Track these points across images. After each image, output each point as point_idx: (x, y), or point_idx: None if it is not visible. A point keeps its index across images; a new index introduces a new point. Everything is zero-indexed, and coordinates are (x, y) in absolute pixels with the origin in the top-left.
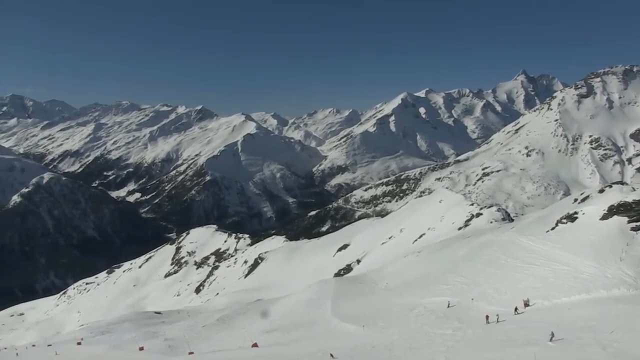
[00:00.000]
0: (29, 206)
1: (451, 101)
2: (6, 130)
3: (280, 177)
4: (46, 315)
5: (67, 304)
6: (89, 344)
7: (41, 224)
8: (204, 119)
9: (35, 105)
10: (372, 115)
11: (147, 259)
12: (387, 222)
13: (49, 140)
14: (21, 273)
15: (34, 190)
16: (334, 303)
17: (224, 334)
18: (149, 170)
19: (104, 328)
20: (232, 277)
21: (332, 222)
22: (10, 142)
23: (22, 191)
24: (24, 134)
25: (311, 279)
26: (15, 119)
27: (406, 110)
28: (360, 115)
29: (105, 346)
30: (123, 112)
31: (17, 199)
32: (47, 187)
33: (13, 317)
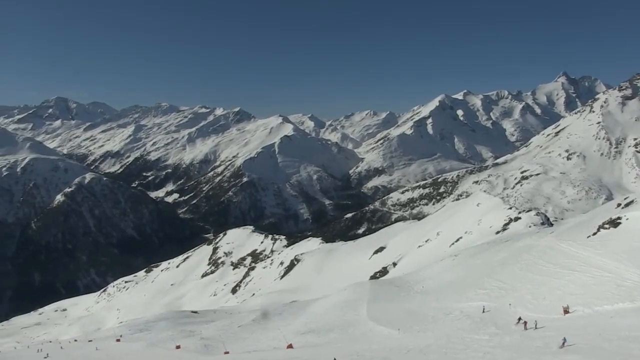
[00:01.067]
0: (71, 205)
1: (489, 103)
2: (51, 132)
3: (317, 179)
4: (87, 311)
5: (107, 301)
6: (127, 340)
7: (83, 222)
8: (241, 120)
9: (79, 107)
10: (410, 117)
11: (184, 258)
12: (424, 225)
13: (91, 141)
14: (64, 270)
15: (76, 190)
16: (369, 306)
17: (259, 334)
18: (187, 171)
19: (142, 326)
20: (268, 278)
21: (369, 224)
22: (54, 143)
23: (66, 191)
24: (67, 135)
25: (347, 281)
26: (59, 121)
27: (444, 112)
28: (397, 117)
29: (143, 343)
30: (162, 114)
31: (61, 198)
32: (89, 187)
33: (57, 312)
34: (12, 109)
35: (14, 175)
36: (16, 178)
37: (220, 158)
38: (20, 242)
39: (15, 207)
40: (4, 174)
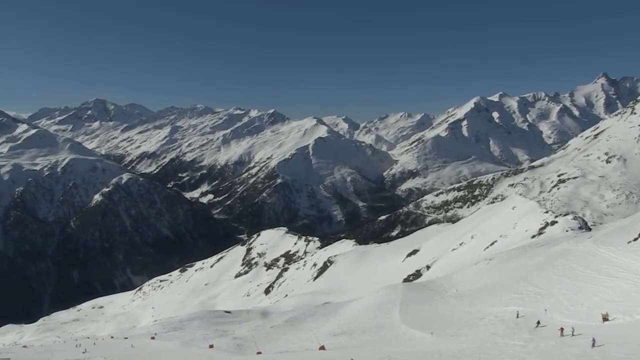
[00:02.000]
0: (109, 205)
1: (526, 105)
2: (90, 133)
3: (351, 180)
4: (123, 309)
5: (142, 299)
6: (161, 339)
7: (120, 222)
8: (275, 122)
9: (116, 109)
10: (444, 119)
11: (218, 259)
12: (458, 228)
13: (128, 142)
14: (101, 268)
15: (113, 189)
16: (402, 308)
17: (291, 335)
18: (222, 172)
19: (176, 324)
20: (301, 279)
21: (402, 227)
22: (93, 144)
23: (103, 190)
24: (105, 136)
25: (380, 283)
26: (98, 122)
27: (479, 114)
28: (432, 119)
29: (176, 342)
30: (198, 116)
31: (99, 198)
32: (126, 187)
33: (94, 309)
34: (53, 110)
35: (55, 175)
36: (57, 178)
37: (255, 159)
38: (60, 240)
39: (55, 206)
40: (45, 174)
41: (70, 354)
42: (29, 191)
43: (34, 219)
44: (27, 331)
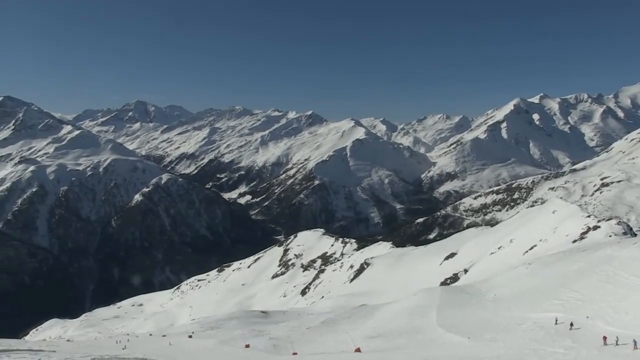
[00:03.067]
0: (148, 205)
1: (567, 107)
2: (131, 134)
3: (389, 182)
4: (162, 307)
5: (181, 298)
6: (199, 337)
7: (159, 221)
8: (313, 124)
9: (157, 111)
10: (483, 121)
11: (255, 259)
12: (497, 231)
13: (167, 143)
14: (141, 267)
15: (153, 190)
16: (439, 312)
17: (327, 337)
18: (260, 173)
19: (213, 324)
20: (338, 281)
21: (440, 229)
22: (134, 145)
23: (143, 191)
24: (146, 137)
25: (416, 286)
26: (138, 123)
27: (519, 116)
28: (470, 121)
29: (213, 341)
30: (236, 117)
31: (139, 197)
32: (165, 188)
33: (134, 306)
34: (96, 112)
35: (97, 175)
36: (99, 178)
37: (292, 161)
38: (102, 239)
39: (97, 205)
40: (88, 174)
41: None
42: (72, 190)
43: (77, 217)
44: (70, 326)
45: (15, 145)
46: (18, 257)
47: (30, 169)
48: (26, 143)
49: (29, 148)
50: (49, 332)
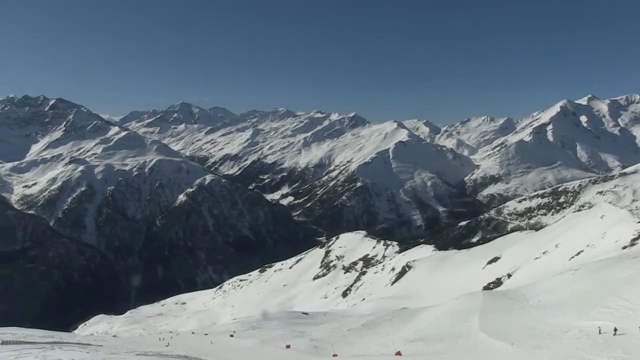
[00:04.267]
0: (192, 205)
1: (617, 108)
2: (176, 135)
3: (431, 185)
4: (204, 306)
5: (223, 297)
6: (240, 337)
7: (202, 221)
8: (356, 126)
9: (201, 112)
10: (528, 123)
11: (297, 260)
12: (542, 236)
13: (211, 144)
14: (184, 266)
15: (197, 190)
16: (481, 317)
17: (368, 339)
18: (302, 175)
19: (254, 323)
20: (379, 283)
21: (483, 233)
22: (178, 146)
23: (187, 191)
24: (190, 139)
25: (459, 290)
26: (183, 125)
27: (565, 118)
28: (515, 123)
29: (254, 341)
30: (279, 119)
31: (183, 198)
32: (209, 188)
33: (177, 305)
34: (142, 114)
35: (143, 175)
36: (144, 178)
37: (335, 162)
38: (147, 237)
39: (142, 205)
40: (134, 174)
41: (154, 346)
42: (119, 190)
43: (123, 216)
44: (116, 322)
45: (66, 145)
46: (68, 254)
47: (80, 169)
48: (76, 144)
49: (78, 148)
50: (96, 327)
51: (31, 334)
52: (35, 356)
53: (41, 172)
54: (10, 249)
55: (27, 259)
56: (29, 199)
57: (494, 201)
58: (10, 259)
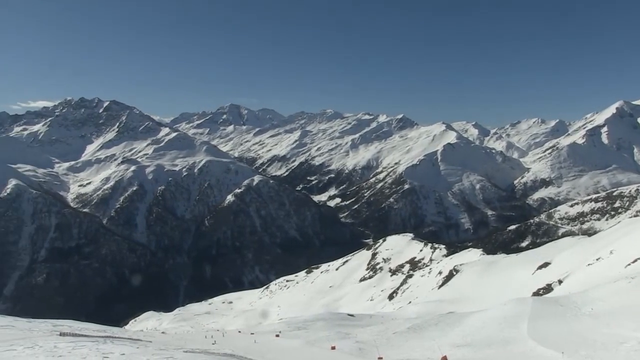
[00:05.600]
0: (240, 205)
1: None
2: (225, 136)
3: (480, 188)
4: (250, 305)
5: (269, 297)
6: (285, 337)
7: (250, 222)
8: (404, 127)
9: (250, 114)
10: (582, 125)
11: (343, 262)
12: (595, 241)
13: (259, 145)
14: (231, 266)
15: (245, 191)
16: (530, 324)
17: (413, 342)
18: (350, 176)
19: (300, 324)
20: (426, 286)
21: (533, 237)
22: (227, 147)
23: (235, 191)
24: (239, 140)
25: (507, 295)
26: (232, 126)
27: (622, 120)
28: (567, 125)
29: (300, 341)
30: (327, 120)
31: (231, 198)
32: (257, 189)
33: (224, 303)
34: (192, 115)
35: (192, 176)
36: (194, 178)
37: (382, 164)
38: (195, 237)
39: (192, 205)
40: (184, 174)
41: (201, 344)
42: (169, 190)
43: (173, 216)
44: (165, 319)
45: (119, 146)
46: (120, 251)
47: (132, 169)
48: (128, 144)
49: (130, 149)
50: (146, 324)
51: (86, 327)
52: (89, 349)
53: (95, 172)
54: (66, 245)
55: (82, 256)
56: (84, 198)
57: (544, 205)
58: (66, 255)
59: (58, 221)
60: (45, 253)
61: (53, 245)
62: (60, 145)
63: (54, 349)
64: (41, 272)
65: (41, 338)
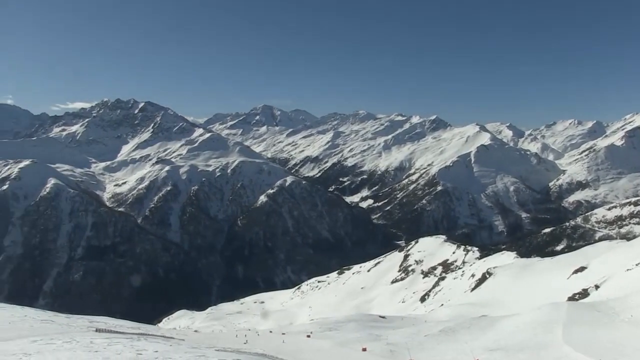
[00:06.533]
0: (272, 206)
1: None
2: (258, 137)
3: (514, 190)
4: (282, 306)
5: (300, 298)
6: (316, 338)
7: (282, 222)
8: (437, 129)
9: (282, 115)
10: (620, 127)
11: (375, 263)
12: (634, 246)
13: (292, 146)
14: (264, 266)
15: (277, 191)
16: (566, 329)
17: (445, 346)
18: (382, 178)
19: (331, 325)
20: (458, 289)
21: (568, 241)
22: (260, 148)
23: (268, 192)
24: (271, 140)
25: (541, 300)
26: (265, 127)
27: None
28: (605, 127)
29: (331, 342)
30: (360, 121)
31: (264, 198)
32: (289, 190)
33: (256, 303)
34: (225, 116)
35: (225, 176)
36: (227, 179)
37: (415, 166)
38: (228, 237)
39: (225, 205)
40: (217, 175)
41: (233, 343)
42: (202, 190)
43: (206, 216)
44: (197, 318)
45: (154, 146)
46: (154, 250)
47: (166, 169)
48: (162, 145)
49: (164, 149)
50: (179, 322)
51: (120, 324)
52: (124, 345)
53: (130, 172)
54: (102, 244)
55: (117, 254)
56: (119, 197)
57: (580, 208)
58: (102, 253)
59: (94, 220)
60: (82, 251)
61: (89, 244)
62: (96, 146)
63: (90, 344)
64: (78, 270)
65: (78, 333)
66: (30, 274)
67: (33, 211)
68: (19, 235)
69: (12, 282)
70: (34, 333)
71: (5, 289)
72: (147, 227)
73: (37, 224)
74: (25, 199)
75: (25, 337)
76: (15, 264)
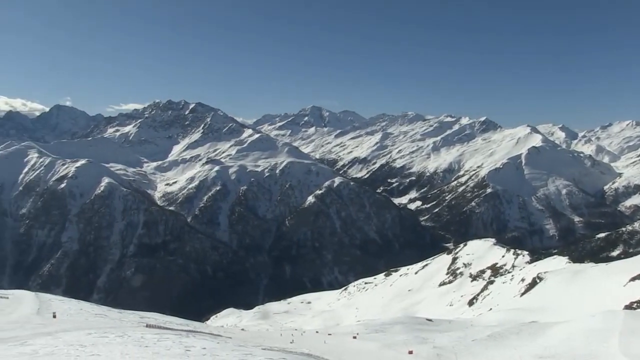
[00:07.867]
0: (320, 206)
1: None
2: (306, 138)
3: (566, 193)
4: (328, 306)
5: (347, 299)
6: (363, 339)
7: (330, 223)
8: (487, 130)
9: (331, 116)
10: None
11: (423, 266)
12: None
13: (340, 147)
14: (311, 266)
15: (325, 192)
16: (622, 339)
17: (493, 351)
18: (431, 179)
19: (378, 327)
20: (507, 294)
21: (625, 247)
22: (308, 149)
23: (316, 193)
24: (320, 141)
25: (595, 307)
26: (313, 128)
27: None
28: None
29: (377, 344)
30: (408, 123)
31: (312, 199)
32: (337, 190)
33: (302, 303)
34: (274, 117)
35: (274, 177)
36: (275, 179)
37: (464, 168)
38: (276, 236)
39: (273, 205)
40: (266, 175)
41: (279, 342)
42: (251, 190)
43: (254, 215)
44: (244, 316)
45: (203, 147)
46: (203, 249)
47: (215, 169)
48: (212, 145)
49: (214, 150)
50: (226, 320)
51: (170, 321)
52: (172, 341)
53: (181, 172)
54: (153, 241)
55: (168, 252)
56: (170, 196)
57: (638, 213)
58: (153, 251)
59: (146, 218)
60: (133, 248)
61: (141, 241)
62: (148, 146)
63: (141, 339)
64: (130, 266)
65: (130, 328)
66: (85, 270)
67: (88, 209)
68: (75, 232)
69: (68, 277)
70: (89, 326)
71: (62, 283)
72: (196, 226)
73: (92, 221)
74: (81, 197)
75: (81, 329)
76: (72, 259)
